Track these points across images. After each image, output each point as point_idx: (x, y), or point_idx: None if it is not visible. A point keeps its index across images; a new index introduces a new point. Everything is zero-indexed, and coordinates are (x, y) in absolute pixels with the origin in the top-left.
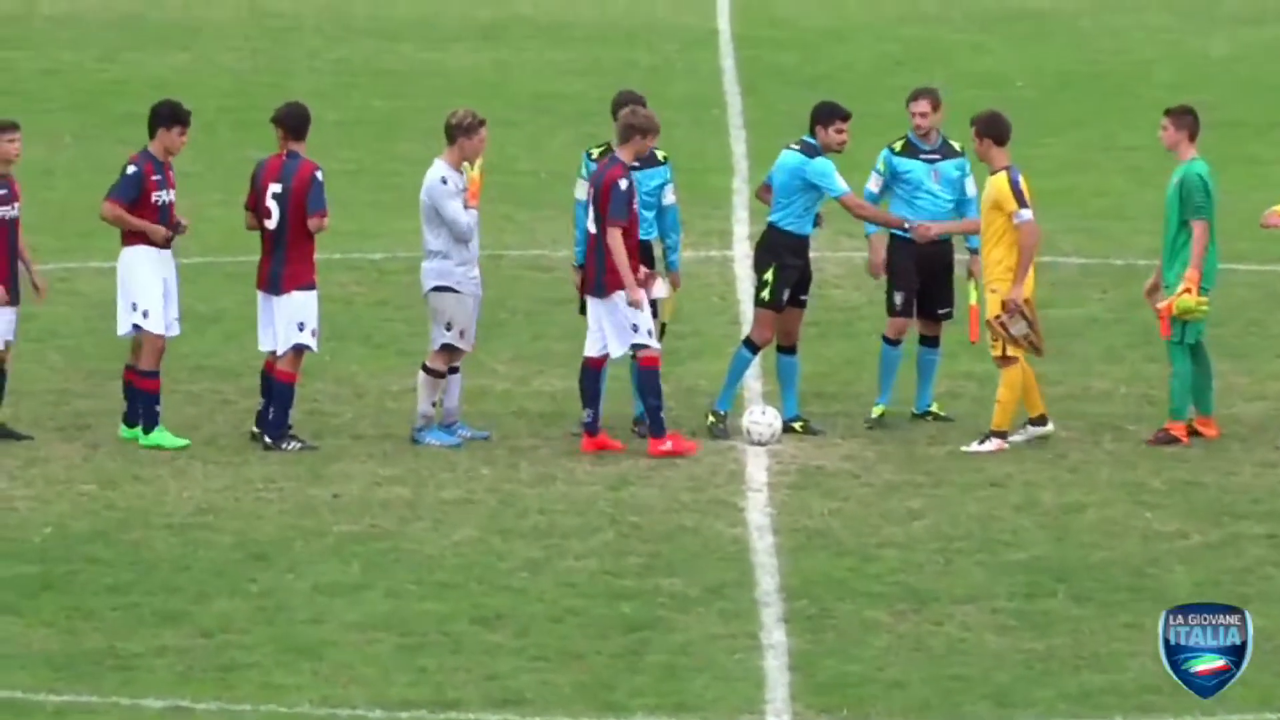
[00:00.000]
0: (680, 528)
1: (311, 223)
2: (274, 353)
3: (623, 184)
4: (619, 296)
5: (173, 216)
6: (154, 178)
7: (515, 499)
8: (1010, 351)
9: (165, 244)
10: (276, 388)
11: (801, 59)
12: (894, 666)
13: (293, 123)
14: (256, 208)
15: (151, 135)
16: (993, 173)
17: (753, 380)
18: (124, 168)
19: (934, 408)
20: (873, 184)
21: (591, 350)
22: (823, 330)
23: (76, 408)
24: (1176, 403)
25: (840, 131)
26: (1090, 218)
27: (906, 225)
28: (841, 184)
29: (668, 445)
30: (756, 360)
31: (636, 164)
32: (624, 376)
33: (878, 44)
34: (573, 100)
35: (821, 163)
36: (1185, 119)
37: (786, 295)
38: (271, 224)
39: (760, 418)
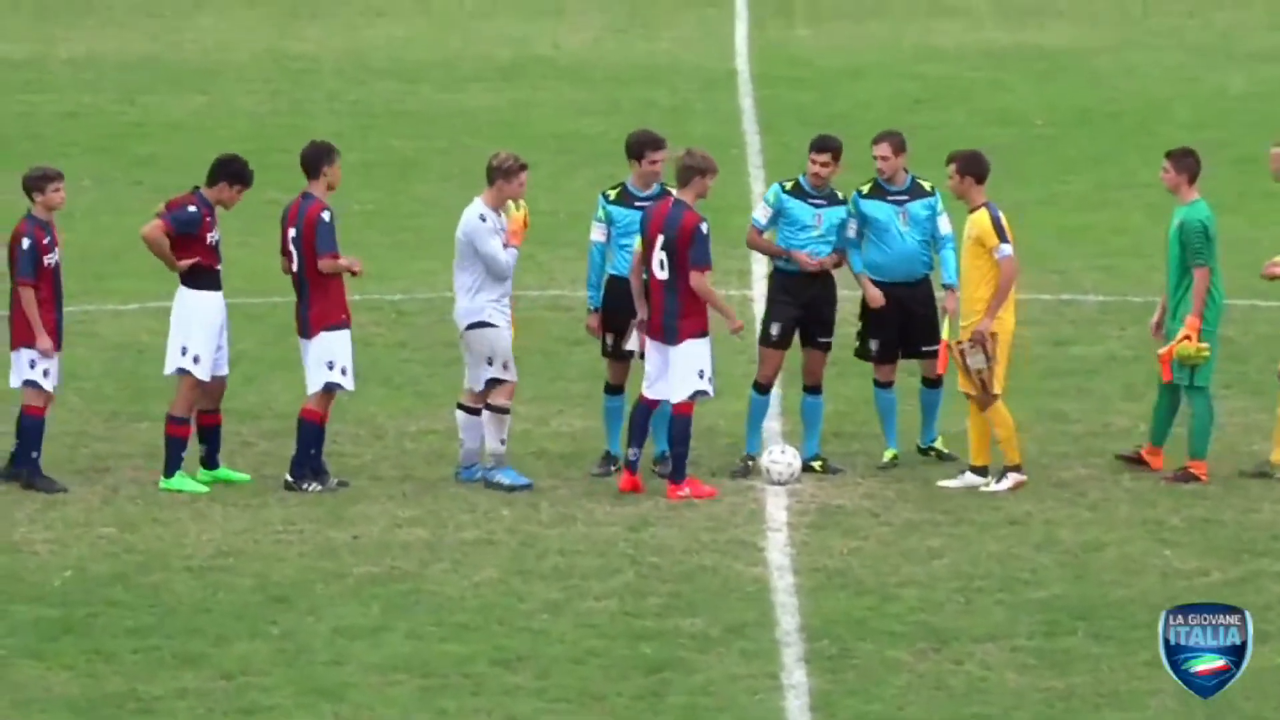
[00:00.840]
0: (700, 568)
1: (320, 264)
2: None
3: (704, 228)
4: (695, 344)
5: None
6: (208, 219)
7: (535, 540)
8: (995, 389)
9: (182, 268)
10: (302, 426)
11: (819, 98)
12: (915, 706)
13: (304, 162)
14: (284, 251)
15: (211, 183)
16: (972, 210)
17: (772, 420)
18: (182, 204)
19: (938, 444)
20: (759, 213)
21: (650, 392)
22: (841, 369)
23: (95, 450)
24: (1197, 444)
25: (813, 163)
26: (1109, 255)
27: (787, 256)
28: (755, 212)
29: (685, 491)
30: (774, 399)
31: (650, 201)
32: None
33: (895, 82)
34: (592, 140)
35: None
36: (1186, 161)
37: (776, 331)
38: (294, 267)
39: (780, 457)
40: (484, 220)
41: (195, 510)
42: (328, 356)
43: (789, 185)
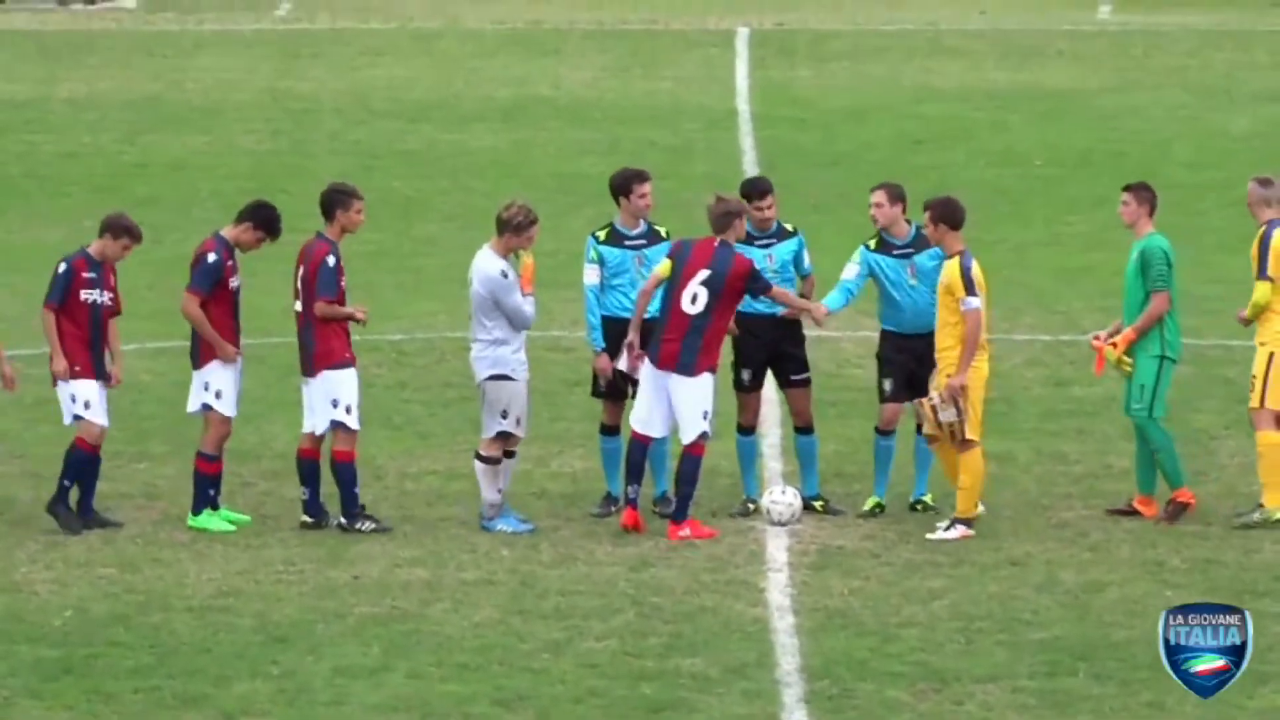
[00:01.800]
0: (701, 608)
1: (315, 308)
2: (309, 435)
3: (757, 264)
4: (705, 381)
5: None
6: (229, 263)
7: (536, 580)
8: (969, 434)
9: (232, 359)
10: (336, 469)
11: (821, 138)
12: None
13: (320, 204)
14: (295, 290)
15: (238, 221)
16: (947, 258)
17: (773, 460)
18: (202, 255)
19: (927, 498)
20: (848, 273)
21: (641, 428)
22: (843, 411)
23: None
24: (1170, 475)
25: (758, 210)
26: (1111, 295)
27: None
28: None
29: (686, 532)
30: (775, 439)
31: (643, 240)
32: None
33: (897, 123)
34: (593, 180)
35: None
36: (1145, 194)
37: (747, 377)
38: (299, 306)
39: (780, 497)
40: (505, 276)
41: (196, 551)
42: (333, 394)
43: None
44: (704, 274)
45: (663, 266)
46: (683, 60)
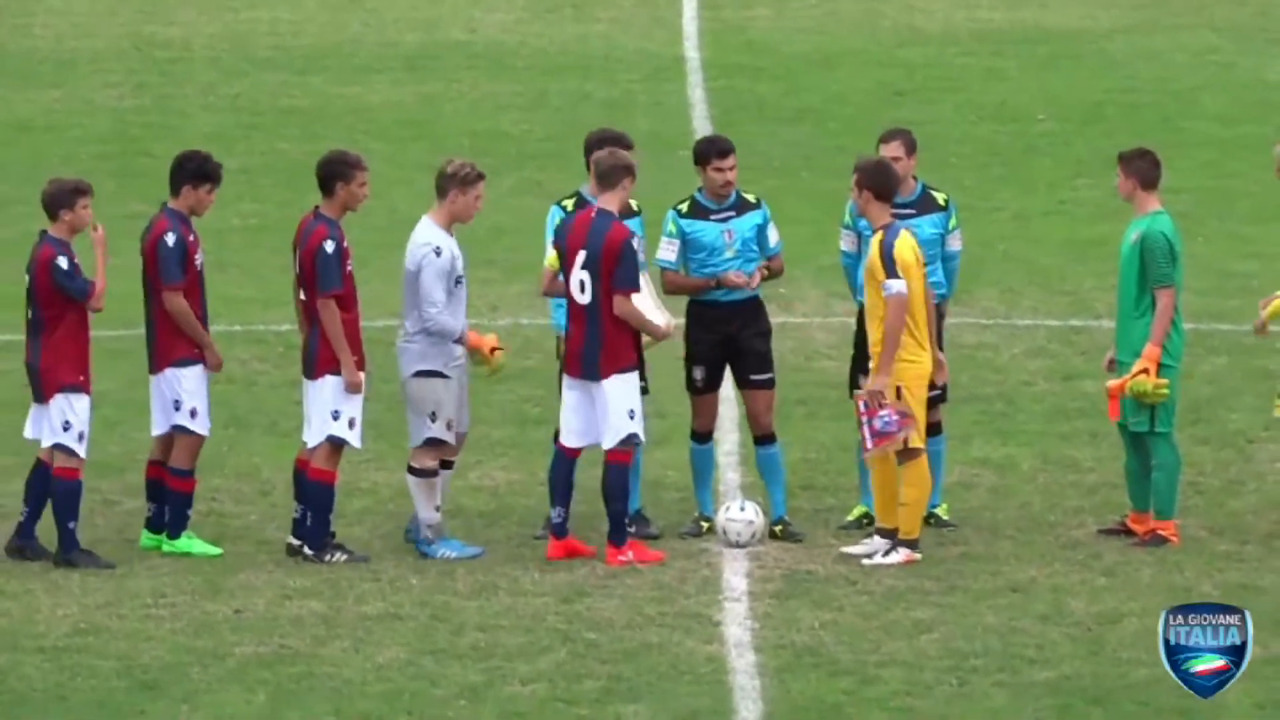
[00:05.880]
0: (645, 645)
1: (319, 303)
2: (305, 445)
3: (635, 241)
4: (622, 380)
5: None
6: (190, 238)
7: (450, 613)
8: (914, 443)
9: (217, 367)
10: (310, 489)
11: (783, 90)
12: None
13: (317, 177)
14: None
15: (175, 192)
16: (873, 231)
17: (730, 471)
18: (159, 236)
19: (940, 510)
20: (666, 251)
21: (569, 440)
22: (811, 409)
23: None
24: (1163, 501)
25: (719, 171)
26: None
27: (715, 283)
28: (661, 253)
29: (628, 555)
30: (732, 446)
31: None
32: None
33: (873, 71)
34: (515, 140)
35: (667, 216)
36: (1138, 164)
37: (701, 375)
38: (301, 297)
39: (739, 515)
40: (438, 254)
41: (49, 581)
42: (333, 405)
43: (684, 207)
44: (582, 254)
45: (550, 257)
46: None
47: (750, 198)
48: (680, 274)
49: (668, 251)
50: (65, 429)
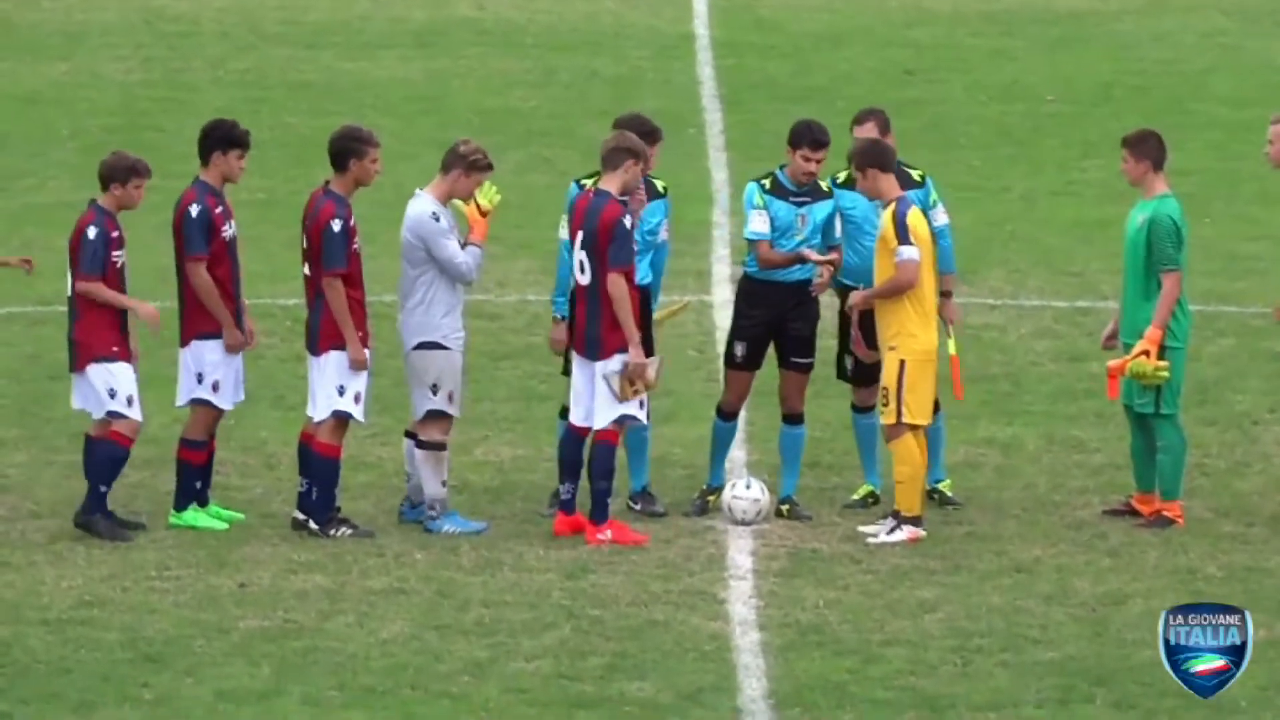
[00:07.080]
0: (649, 623)
1: (325, 281)
2: (311, 419)
3: (627, 222)
4: (620, 360)
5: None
6: (217, 210)
7: (455, 589)
8: (906, 419)
9: (239, 348)
10: (315, 463)
11: (793, 69)
12: None
13: (329, 153)
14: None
15: (205, 161)
16: (885, 205)
17: (736, 449)
18: (185, 209)
19: (944, 486)
20: (759, 224)
21: (576, 417)
22: (818, 388)
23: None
24: (1168, 482)
25: (807, 160)
26: None
27: (801, 260)
28: (753, 225)
29: (607, 534)
30: (740, 423)
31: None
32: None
33: (882, 51)
34: (523, 117)
35: (749, 189)
36: (1145, 147)
37: (742, 351)
38: (307, 271)
39: (744, 492)
40: (437, 219)
41: (53, 553)
42: (338, 380)
43: (767, 184)
44: (580, 234)
45: (563, 230)
46: None
47: (825, 186)
48: (772, 247)
49: (759, 223)
50: (111, 396)
